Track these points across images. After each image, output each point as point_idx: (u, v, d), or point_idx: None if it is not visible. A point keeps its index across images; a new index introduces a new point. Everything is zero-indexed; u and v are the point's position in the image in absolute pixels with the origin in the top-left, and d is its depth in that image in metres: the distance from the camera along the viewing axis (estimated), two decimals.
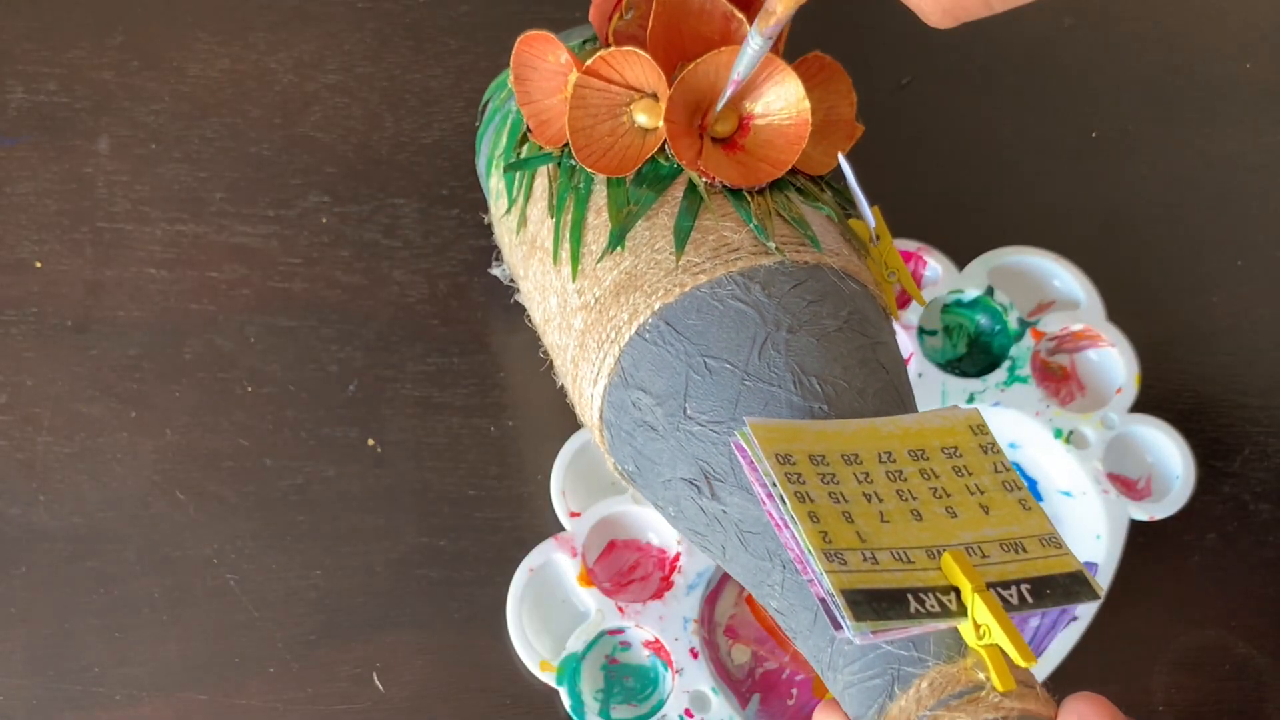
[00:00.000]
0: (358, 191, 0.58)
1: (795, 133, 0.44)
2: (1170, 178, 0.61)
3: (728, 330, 0.40)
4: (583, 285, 0.44)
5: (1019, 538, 0.36)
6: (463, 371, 0.56)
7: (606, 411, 0.43)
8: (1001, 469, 0.38)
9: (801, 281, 0.41)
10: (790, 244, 0.42)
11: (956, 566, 0.34)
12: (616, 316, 0.42)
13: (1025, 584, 0.35)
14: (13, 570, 0.53)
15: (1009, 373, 0.55)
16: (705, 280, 0.41)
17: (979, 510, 0.37)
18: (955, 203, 0.59)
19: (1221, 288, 0.59)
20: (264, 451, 0.54)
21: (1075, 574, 0.35)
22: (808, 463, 0.36)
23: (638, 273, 0.43)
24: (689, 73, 0.43)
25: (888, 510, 0.36)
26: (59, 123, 0.58)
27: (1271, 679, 0.55)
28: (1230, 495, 0.57)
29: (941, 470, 0.38)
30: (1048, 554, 0.36)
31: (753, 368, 0.40)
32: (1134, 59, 0.62)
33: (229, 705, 0.52)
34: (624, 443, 0.43)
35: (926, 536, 0.36)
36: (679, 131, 0.44)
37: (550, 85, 0.46)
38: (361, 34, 0.60)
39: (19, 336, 0.55)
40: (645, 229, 0.44)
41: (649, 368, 0.41)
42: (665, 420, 0.41)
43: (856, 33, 0.61)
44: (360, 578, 0.53)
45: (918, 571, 0.34)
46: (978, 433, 0.39)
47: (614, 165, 0.45)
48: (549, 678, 0.51)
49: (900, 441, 0.38)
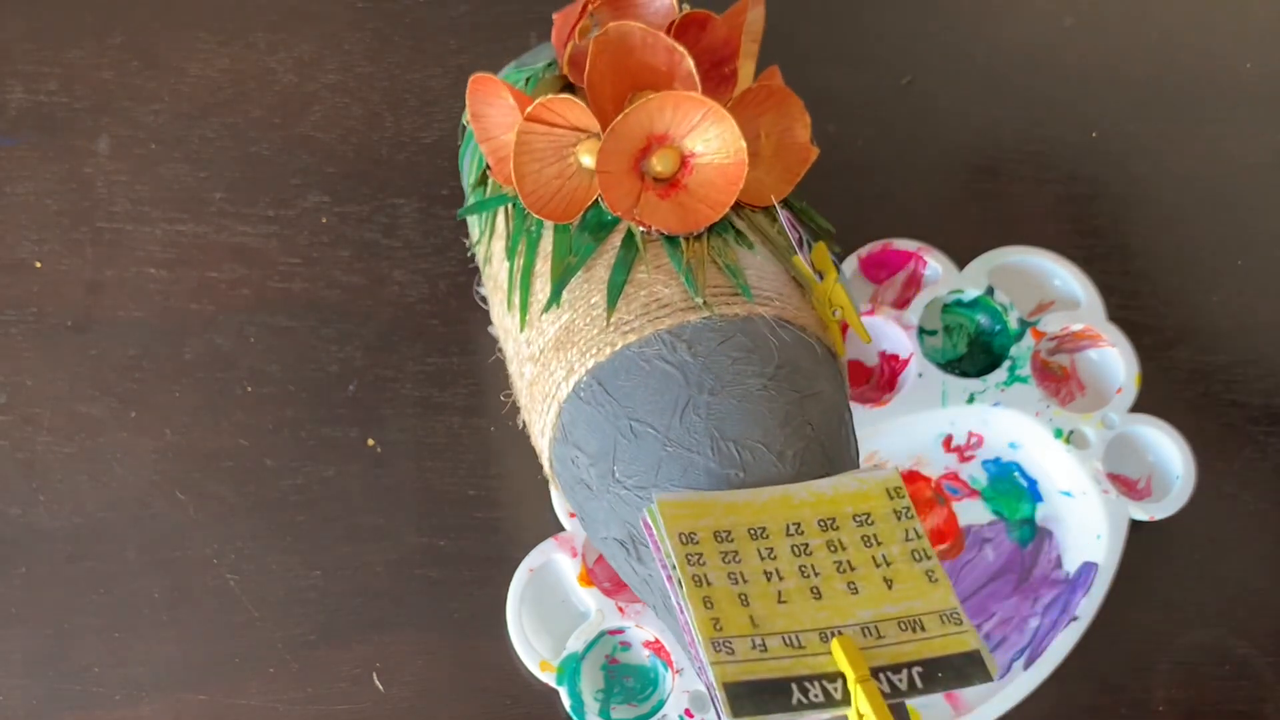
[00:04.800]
0: (358, 191, 0.58)
1: (734, 172, 0.44)
2: (1170, 178, 0.61)
3: (653, 392, 0.41)
4: (530, 336, 0.45)
5: (919, 614, 0.36)
6: (463, 371, 0.56)
7: (554, 463, 0.44)
8: (913, 536, 0.38)
9: (730, 337, 0.41)
10: (723, 294, 0.42)
11: (843, 654, 0.35)
12: (556, 373, 0.43)
13: (918, 666, 0.35)
14: (12, 570, 0.53)
15: (1009, 373, 0.55)
16: (635, 339, 0.42)
17: (882, 584, 0.37)
18: (955, 203, 0.59)
19: (1221, 288, 0.59)
20: (264, 451, 0.54)
21: (971, 654, 0.35)
22: (711, 540, 0.36)
23: (575, 329, 0.43)
24: (620, 122, 0.43)
25: (787, 590, 0.36)
26: (59, 123, 0.58)
27: (1271, 679, 0.55)
28: (1230, 495, 0.57)
29: (850, 541, 0.38)
30: (946, 632, 0.36)
31: (674, 433, 0.40)
32: (1134, 59, 0.62)
33: (229, 705, 0.52)
34: (569, 495, 0.44)
35: (823, 617, 0.36)
36: (613, 181, 0.44)
37: (506, 122, 0.46)
38: (361, 34, 0.60)
39: (19, 336, 0.55)
40: (583, 282, 0.44)
41: (584, 427, 0.42)
42: (597, 480, 0.41)
43: (856, 33, 0.61)
44: (360, 578, 0.53)
45: (807, 658, 0.35)
46: (894, 496, 0.39)
47: (560, 210, 0.45)
48: (549, 678, 0.51)
49: (812, 510, 0.38)
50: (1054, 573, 0.54)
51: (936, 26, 0.61)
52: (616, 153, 0.43)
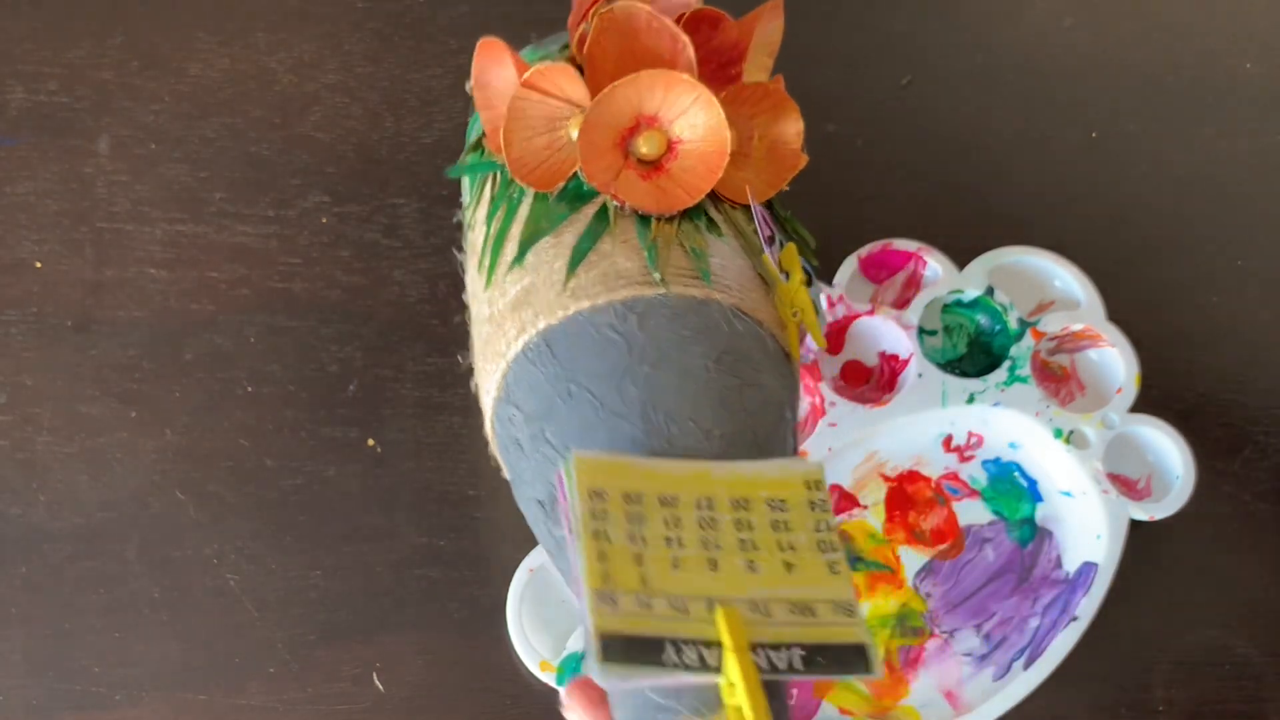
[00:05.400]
0: (358, 191, 0.58)
1: (716, 161, 0.44)
2: (1170, 178, 0.61)
3: (596, 359, 0.41)
4: (492, 295, 0.45)
5: (812, 601, 0.36)
6: (463, 371, 0.56)
7: (495, 424, 0.44)
8: (824, 529, 0.38)
9: (681, 315, 0.42)
10: (684, 275, 0.43)
11: (724, 622, 0.34)
12: (509, 332, 0.43)
13: (800, 649, 0.35)
14: (13, 570, 0.53)
15: (1009, 373, 0.55)
16: (588, 306, 0.42)
17: (782, 568, 0.37)
18: (955, 203, 0.59)
19: (1221, 288, 0.59)
20: (264, 451, 0.54)
21: (856, 646, 0.35)
22: (620, 501, 0.36)
23: (534, 290, 0.43)
24: (606, 95, 0.43)
25: (683, 557, 0.36)
26: (59, 123, 0.58)
27: (1271, 679, 0.55)
28: (1230, 495, 0.57)
29: (759, 523, 0.37)
30: (836, 621, 0.35)
31: (609, 399, 0.40)
32: (1134, 59, 0.62)
33: (229, 705, 0.52)
34: (503, 455, 0.44)
35: (714, 588, 0.36)
36: (595, 153, 0.44)
37: (507, 91, 0.46)
38: (361, 34, 0.60)
39: (19, 336, 0.55)
40: (550, 247, 0.44)
41: (526, 387, 0.42)
42: (529, 440, 0.41)
43: (856, 33, 0.61)
44: (360, 578, 0.53)
45: (689, 622, 0.34)
46: (812, 488, 0.39)
47: (544, 179, 0.45)
48: (549, 678, 0.51)
49: (727, 488, 0.38)
50: (1054, 573, 0.54)
51: (936, 27, 0.61)
52: (601, 125, 0.43)
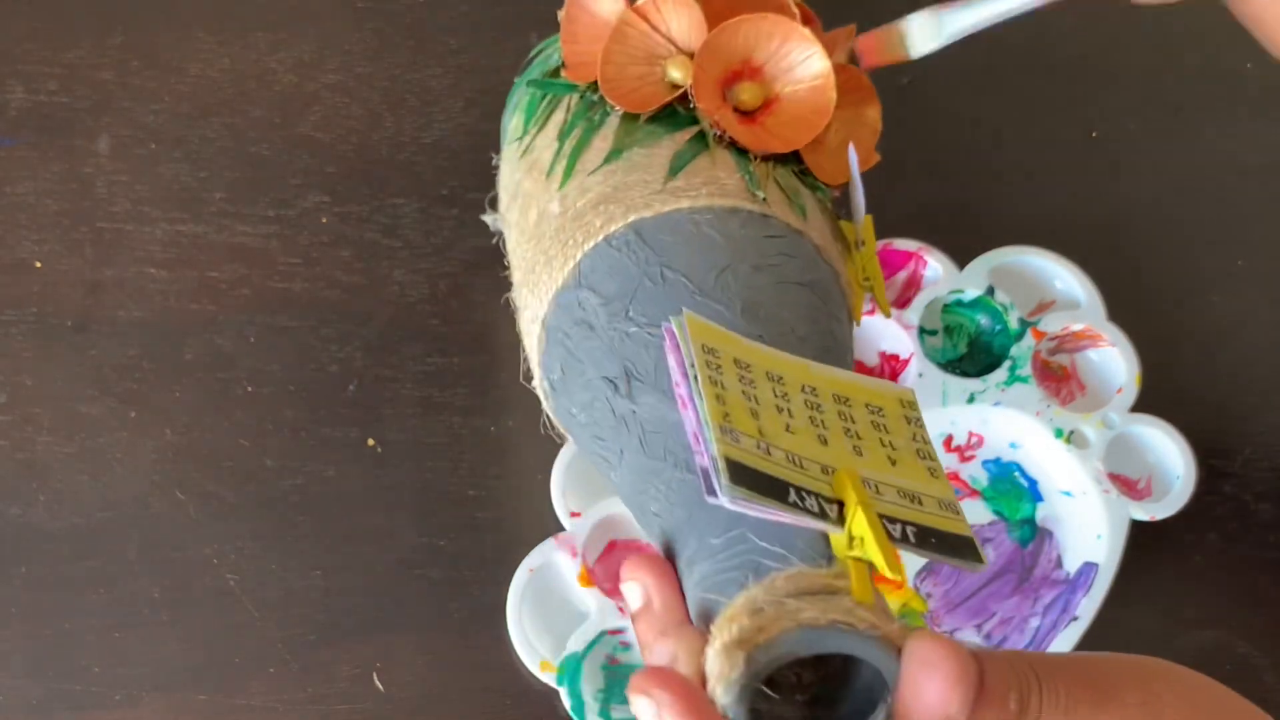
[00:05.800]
0: (358, 191, 0.58)
1: (817, 120, 0.44)
2: (1170, 178, 0.61)
3: (694, 252, 0.40)
4: (568, 192, 0.44)
5: (919, 493, 0.35)
6: (463, 371, 0.56)
7: (551, 314, 0.43)
8: (920, 440, 0.37)
9: (781, 235, 0.42)
10: (781, 205, 0.43)
11: (848, 481, 0.33)
12: (590, 223, 0.42)
13: (912, 526, 0.34)
14: (13, 570, 0.53)
15: (1009, 373, 0.55)
16: (688, 205, 0.41)
17: (886, 460, 0.36)
18: (955, 203, 0.59)
19: (1221, 288, 0.59)
20: (264, 451, 0.54)
21: (965, 538, 0.34)
22: (731, 364, 0.36)
23: (624, 187, 0.43)
24: (724, 29, 0.43)
25: (795, 424, 0.35)
26: (59, 123, 0.58)
27: (1271, 679, 0.55)
28: (1230, 495, 0.57)
29: (860, 419, 0.37)
30: (944, 514, 0.35)
31: (706, 286, 0.39)
32: (1134, 58, 0.62)
33: (229, 705, 0.52)
34: (558, 344, 0.42)
35: (827, 457, 0.35)
36: (706, 79, 0.44)
37: (597, 32, 0.46)
38: (361, 34, 0.60)
39: (19, 336, 0.55)
40: (644, 154, 0.43)
41: (605, 271, 0.41)
42: (606, 319, 0.40)
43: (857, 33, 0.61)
44: (360, 578, 0.53)
45: (808, 476, 0.33)
46: (906, 407, 0.38)
47: (635, 103, 0.45)
48: (549, 678, 0.51)
49: (828, 384, 0.37)
50: (1054, 573, 0.54)
51: None
52: (715, 61, 0.43)
